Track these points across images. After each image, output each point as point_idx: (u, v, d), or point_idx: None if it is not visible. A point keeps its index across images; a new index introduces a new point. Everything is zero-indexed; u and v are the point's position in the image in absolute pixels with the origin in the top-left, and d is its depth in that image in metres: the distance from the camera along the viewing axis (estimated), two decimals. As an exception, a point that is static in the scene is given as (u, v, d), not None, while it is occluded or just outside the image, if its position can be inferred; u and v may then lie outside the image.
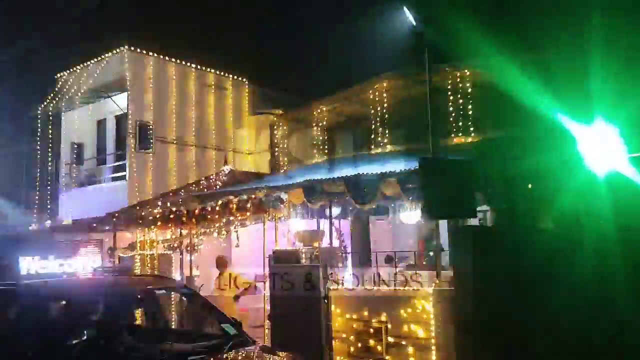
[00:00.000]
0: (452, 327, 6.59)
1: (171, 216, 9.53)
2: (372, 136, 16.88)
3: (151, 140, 16.81)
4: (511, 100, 7.36)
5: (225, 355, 4.78)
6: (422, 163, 6.60)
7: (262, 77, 20.51)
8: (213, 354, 4.75)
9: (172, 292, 8.68)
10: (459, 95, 14.57)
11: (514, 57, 7.91)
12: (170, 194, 14.94)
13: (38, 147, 18.51)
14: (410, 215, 11.77)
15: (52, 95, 18.61)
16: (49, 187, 18.05)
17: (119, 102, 17.05)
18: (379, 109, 16.72)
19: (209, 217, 9.02)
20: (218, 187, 14.28)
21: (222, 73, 19.29)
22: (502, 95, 7.88)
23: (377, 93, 16.45)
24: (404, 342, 7.16)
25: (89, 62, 17.77)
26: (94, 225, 14.34)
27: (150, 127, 16.84)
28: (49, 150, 18.67)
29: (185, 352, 4.76)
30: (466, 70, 14.03)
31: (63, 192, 18.50)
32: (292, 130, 19.12)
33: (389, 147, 16.43)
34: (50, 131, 18.73)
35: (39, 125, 18.73)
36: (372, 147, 16.74)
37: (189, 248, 10.62)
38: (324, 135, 18.37)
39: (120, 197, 16.11)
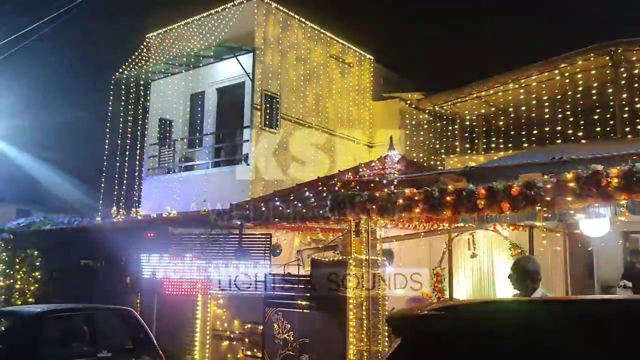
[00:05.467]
0: None
1: (460, 196, 5.86)
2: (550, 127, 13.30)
3: (278, 117, 13.20)
4: None
5: None
6: None
7: (388, 57, 16.97)
8: None
9: None
10: None
11: None
12: (319, 183, 11.33)
13: (124, 124, 14.76)
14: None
15: (137, 59, 15.01)
16: (136, 173, 14.28)
17: (236, 67, 13.40)
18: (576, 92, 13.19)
19: (539, 198, 5.41)
20: (392, 173, 10.70)
21: (346, 44, 15.75)
22: None
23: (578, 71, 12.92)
24: None
25: (198, 17, 14.22)
26: (223, 216, 10.65)
27: (278, 99, 13.25)
28: (124, 124, 14.93)
29: None
30: None
31: (147, 178, 14.79)
32: (434, 120, 15.59)
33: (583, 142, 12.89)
34: (131, 103, 15.02)
35: (119, 95, 15.06)
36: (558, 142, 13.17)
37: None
38: (480, 127, 14.81)
39: (227, 186, 12.50)
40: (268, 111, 12.97)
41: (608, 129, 12.55)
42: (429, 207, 6.30)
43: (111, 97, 15.12)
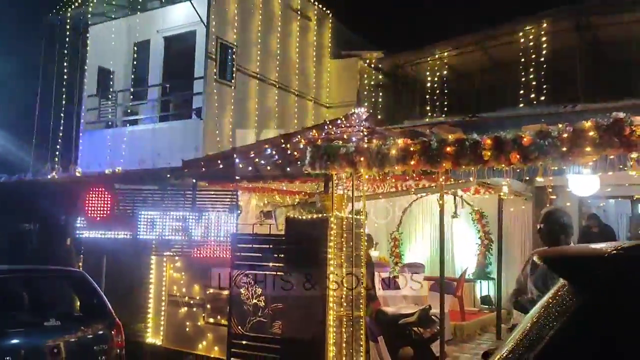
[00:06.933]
0: None
1: (463, 146, 5.29)
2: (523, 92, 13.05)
3: (233, 69, 12.23)
4: None
5: None
6: None
7: (348, 15, 16.11)
8: None
9: None
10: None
11: None
12: (281, 140, 10.56)
13: (58, 72, 13.27)
14: None
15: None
16: (73, 127, 12.92)
17: (186, 13, 12.25)
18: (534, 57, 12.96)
19: (554, 149, 4.93)
20: (361, 131, 10.09)
21: (306, -4, 14.83)
22: None
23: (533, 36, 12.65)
24: None
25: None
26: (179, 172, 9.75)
27: (234, 50, 12.26)
28: (58, 72, 13.43)
29: None
30: None
31: (85, 132, 13.45)
32: (394, 81, 15.06)
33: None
34: (66, 49, 13.54)
35: (53, 39, 13.53)
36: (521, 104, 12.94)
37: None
38: (441, 90, 14.40)
39: (178, 142, 11.58)
40: (223, 62, 11.97)
41: (571, 94, 12.44)
42: (427, 158, 5.72)
43: (43, 42, 13.58)
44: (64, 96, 12.96)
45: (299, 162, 9.27)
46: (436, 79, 14.24)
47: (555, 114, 7.20)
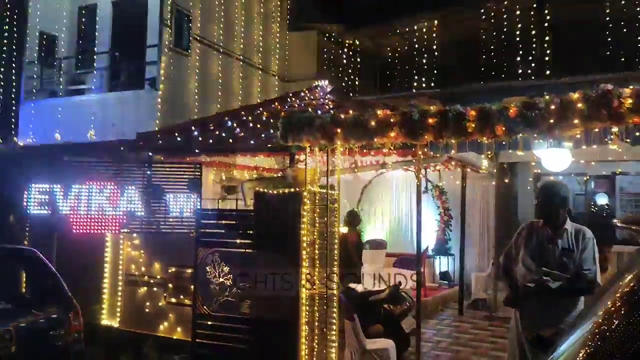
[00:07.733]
0: None
1: (446, 118, 5.00)
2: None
3: (189, 38, 11.60)
4: None
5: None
6: None
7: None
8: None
9: None
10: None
11: None
12: (242, 112, 10.13)
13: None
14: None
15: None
16: (12, 96, 11.98)
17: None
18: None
19: (541, 121, 4.78)
20: (326, 104, 9.78)
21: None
22: None
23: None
24: None
25: None
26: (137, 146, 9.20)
27: (191, 17, 11.62)
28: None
29: None
30: None
31: (26, 102, 12.48)
32: (353, 56, 14.74)
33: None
34: (4, 12, 12.50)
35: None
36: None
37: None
38: (402, 66, 14.22)
39: (130, 113, 10.95)
40: (179, 29, 11.31)
41: (529, 71, 12.51)
42: (407, 130, 5.48)
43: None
44: (2, 62, 11.97)
45: (263, 135, 8.92)
46: (397, 55, 14.06)
47: (526, 87, 7.10)
